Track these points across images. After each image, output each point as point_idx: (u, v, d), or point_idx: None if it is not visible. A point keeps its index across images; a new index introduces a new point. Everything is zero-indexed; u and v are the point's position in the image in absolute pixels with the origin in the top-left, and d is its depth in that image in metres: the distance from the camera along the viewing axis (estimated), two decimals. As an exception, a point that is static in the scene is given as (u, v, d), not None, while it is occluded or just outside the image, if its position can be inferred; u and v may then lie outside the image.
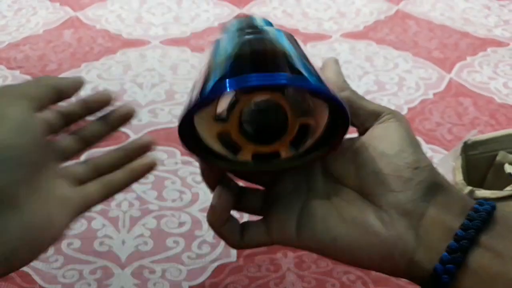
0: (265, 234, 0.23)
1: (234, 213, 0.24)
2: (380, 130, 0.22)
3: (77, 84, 0.25)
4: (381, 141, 0.21)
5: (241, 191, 0.24)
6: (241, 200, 0.23)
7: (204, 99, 0.19)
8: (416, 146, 0.21)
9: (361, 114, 0.22)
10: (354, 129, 0.24)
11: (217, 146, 0.22)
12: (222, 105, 0.21)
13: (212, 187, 0.23)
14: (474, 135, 0.43)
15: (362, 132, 0.23)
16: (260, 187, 0.24)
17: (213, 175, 0.23)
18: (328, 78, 0.22)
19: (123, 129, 0.64)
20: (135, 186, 0.56)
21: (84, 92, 0.28)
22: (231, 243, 0.23)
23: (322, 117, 0.21)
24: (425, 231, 0.19)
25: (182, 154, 0.58)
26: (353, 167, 0.21)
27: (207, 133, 0.22)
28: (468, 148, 0.43)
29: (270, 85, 0.19)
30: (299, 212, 0.22)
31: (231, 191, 0.23)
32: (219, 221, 0.23)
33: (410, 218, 0.20)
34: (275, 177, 0.23)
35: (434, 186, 0.20)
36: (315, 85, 0.19)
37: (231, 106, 0.21)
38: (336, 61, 0.23)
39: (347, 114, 0.19)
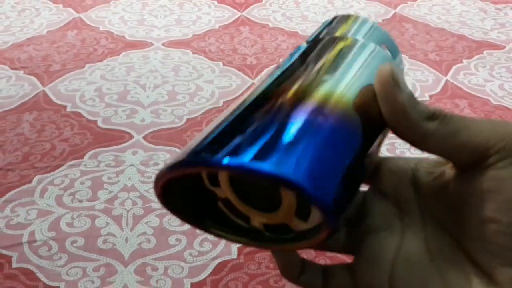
0: (351, 286, 0.18)
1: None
2: (491, 182, 0.14)
3: None
4: (491, 199, 0.14)
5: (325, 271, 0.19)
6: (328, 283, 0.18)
7: (176, 167, 0.14)
8: None
9: (452, 157, 0.15)
10: None
11: (229, 214, 0.17)
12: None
13: (295, 279, 0.19)
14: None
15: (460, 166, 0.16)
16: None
17: (291, 264, 0.18)
18: (389, 118, 0.15)
19: (126, 128, 0.66)
20: (138, 184, 0.57)
21: (88, 93, 0.28)
22: None
23: None
24: None
25: (183, 154, 0.59)
26: (456, 215, 0.16)
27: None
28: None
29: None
30: (392, 262, 0.17)
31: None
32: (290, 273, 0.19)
33: None
34: (360, 213, 0.18)
35: None
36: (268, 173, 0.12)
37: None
38: (392, 76, 0.15)
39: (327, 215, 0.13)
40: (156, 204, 0.52)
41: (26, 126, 0.63)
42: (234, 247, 0.47)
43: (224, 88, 0.71)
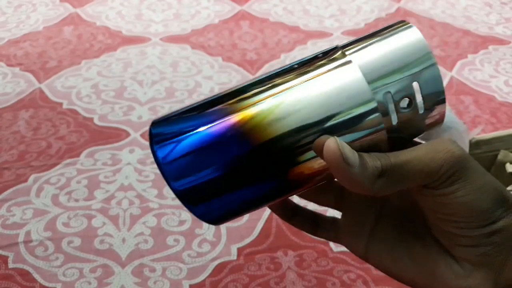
0: (335, 239, 0.21)
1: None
2: (433, 202, 0.18)
3: None
4: (440, 212, 0.18)
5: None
6: (310, 192, 0.21)
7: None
8: (486, 202, 0.17)
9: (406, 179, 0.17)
10: None
11: None
12: None
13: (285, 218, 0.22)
14: (478, 133, 0.43)
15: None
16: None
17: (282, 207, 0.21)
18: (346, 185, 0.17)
19: (122, 126, 0.65)
20: (135, 184, 0.56)
21: (84, 90, 0.27)
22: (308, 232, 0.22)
23: None
24: (507, 283, 0.17)
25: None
26: (428, 210, 0.18)
27: None
28: (472, 147, 0.42)
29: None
30: (369, 233, 0.20)
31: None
32: (281, 214, 0.22)
33: (487, 270, 0.18)
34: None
35: None
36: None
37: None
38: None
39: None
40: (154, 203, 0.51)
41: (22, 123, 0.62)
42: (234, 248, 0.46)
43: (223, 84, 0.70)
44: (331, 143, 0.16)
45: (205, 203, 0.17)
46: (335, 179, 0.18)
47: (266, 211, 0.49)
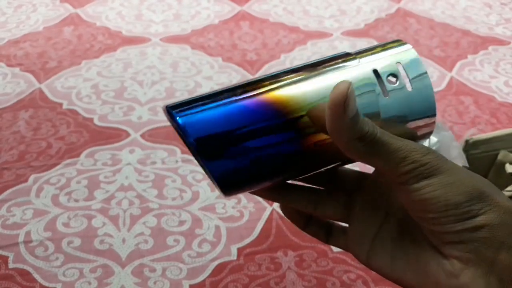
0: (345, 247, 0.22)
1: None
2: (408, 198, 0.18)
3: None
4: (416, 208, 0.18)
5: (317, 196, 0.22)
6: (317, 207, 0.22)
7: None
8: (462, 195, 0.18)
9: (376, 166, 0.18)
10: None
11: None
12: None
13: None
14: (472, 134, 0.43)
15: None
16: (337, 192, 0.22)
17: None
18: (329, 130, 0.18)
19: (123, 126, 0.65)
20: (135, 184, 0.56)
21: (84, 90, 0.27)
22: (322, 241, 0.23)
23: None
24: (500, 280, 0.17)
25: (182, 152, 0.58)
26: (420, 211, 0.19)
27: None
28: (469, 147, 0.43)
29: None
30: (373, 238, 0.21)
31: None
32: (297, 223, 0.23)
33: (477, 267, 0.18)
34: (358, 186, 0.22)
35: (504, 228, 0.17)
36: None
37: None
38: (344, 95, 0.17)
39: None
40: (154, 204, 0.51)
41: (22, 124, 0.62)
42: (234, 248, 0.46)
43: (223, 85, 0.70)
44: (345, 84, 0.17)
45: (222, 159, 0.18)
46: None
47: (266, 211, 0.49)
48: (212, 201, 0.50)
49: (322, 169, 0.20)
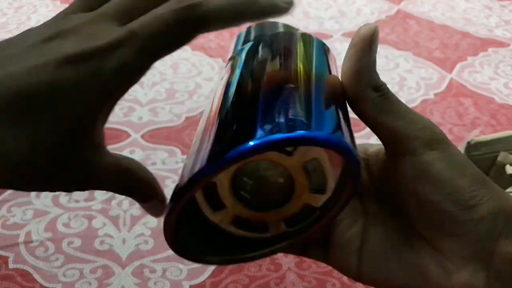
0: (324, 259, 0.21)
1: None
2: (415, 170, 0.17)
3: None
4: (422, 184, 0.17)
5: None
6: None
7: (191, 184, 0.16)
8: (467, 178, 0.17)
9: (381, 136, 0.18)
10: None
11: (199, 197, 0.19)
12: None
13: None
14: (476, 135, 0.43)
15: (392, 155, 0.18)
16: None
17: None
18: (345, 73, 0.18)
19: (123, 127, 0.65)
20: (135, 185, 0.56)
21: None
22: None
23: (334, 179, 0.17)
24: (498, 270, 0.17)
25: (182, 153, 0.58)
26: (399, 198, 0.18)
27: None
28: (471, 149, 0.43)
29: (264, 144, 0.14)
30: (358, 251, 0.20)
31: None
32: None
33: (477, 261, 0.17)
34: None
35: (502, 216, 0.17)
36: (322, 137, 0.15)
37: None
38: (366, 41, 0.17)
39: (356, 180, 0.16)
40: (154, 204, 0.51)
41: (23, 124, 0.62)
42: (234, 249, 0.46)
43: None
44: (373, 27, 0.18)
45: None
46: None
47: (266, 212, 0.49)
48: (213, 202, 0.51)
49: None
